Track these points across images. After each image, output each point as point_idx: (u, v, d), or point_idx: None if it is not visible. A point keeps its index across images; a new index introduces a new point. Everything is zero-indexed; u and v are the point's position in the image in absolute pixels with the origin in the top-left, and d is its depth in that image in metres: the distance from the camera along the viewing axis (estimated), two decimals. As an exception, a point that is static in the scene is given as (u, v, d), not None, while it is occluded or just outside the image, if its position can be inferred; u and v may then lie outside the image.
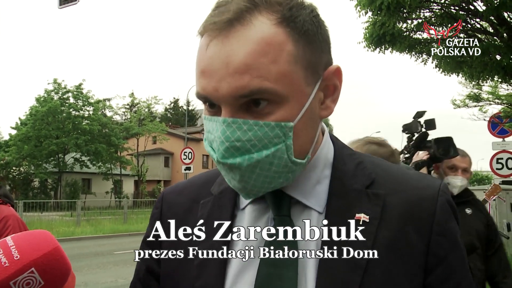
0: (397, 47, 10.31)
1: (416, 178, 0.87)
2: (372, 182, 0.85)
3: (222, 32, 0.73)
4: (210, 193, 0.94)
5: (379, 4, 9.05)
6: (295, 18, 0.76)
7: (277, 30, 0.74)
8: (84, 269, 10.68)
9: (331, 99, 0.84)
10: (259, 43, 0.72)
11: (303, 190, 0.85)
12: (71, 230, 18.64)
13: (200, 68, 0.76)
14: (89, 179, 41.30)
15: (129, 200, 32.87)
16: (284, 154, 0.76)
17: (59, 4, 10.33)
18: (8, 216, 2.30)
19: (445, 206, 0.83)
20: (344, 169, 0.87)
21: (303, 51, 0.76)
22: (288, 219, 0.83)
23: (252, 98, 0.73)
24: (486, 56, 9.43)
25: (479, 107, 14.75)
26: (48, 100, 35.36)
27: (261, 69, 0.72)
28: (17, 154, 34.63)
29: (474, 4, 9.56)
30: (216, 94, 0.74)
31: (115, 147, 38.25)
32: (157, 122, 42.14)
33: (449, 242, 0.81)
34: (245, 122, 0.74)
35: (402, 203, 0.82)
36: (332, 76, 0.82)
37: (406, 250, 0.79)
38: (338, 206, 0.83)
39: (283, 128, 0.75)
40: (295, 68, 0.75)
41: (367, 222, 0.80)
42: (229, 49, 0.72)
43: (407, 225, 0.80)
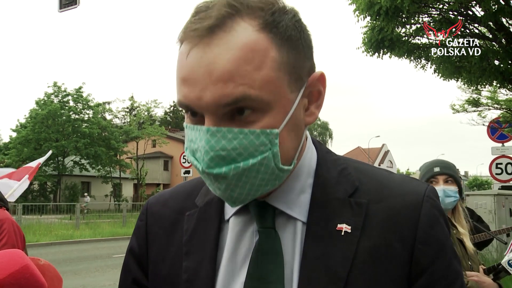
0: (396, 52, 10.33)
1: (400, 184, 0.84)
2: (356, 190, 0.83)
3: (203, 39, 0.71)
4: (195, 204, 0.92)
5: (377, 9, 9.08)
6: (277, 24, 0.74)
7: (260, 36, 0.72)
8: (83, 272, 10.66)
9: (315, 105, 0.83)
10: (242, 50, 0.70)
11: (287, 200, 0.83)
12: (70, 233, 18.61)
13: (181, 75, 0.74)
14: (88, 182, 41.27)
15: (128, 203, 32.82)
16: (271, 162, 0.74)
17: (59, 7, 10.33)
18: (3, 220, 2.30)
19: (430, 212, 0.80)
20: (327, 176, 0.85)
21: (287, 57, 0.74)
22: (273, 232, 0.81)
23: (236, 106, 0.71)
24: (484, 61, 9.46)
25: (478, 112, 14.77)
26: (48, 103, 35.39)
27: (245, 77, 0.70)
28: (17, 156, 34.59)
29: (472, 9, 9.59)
30: (199, 103, 0.72)
31: (115, 150, 38.23)
32: (157, 126, 42.11)
33: (434, 250, 0.79)
34: (229, 131, 0.71)
35: (385, 211, 0.80)
36: (316, 82, 0.81)
37: (389, 260, 0.77)
38: (320, 216, 0.81)
39: (268, 135, 0.73)
40: (279, 74, 0.73)
41: (348, 232, 0.79)
42: (211, 56, 0.70)
43: (390, 234, 0.79)
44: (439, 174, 2.70)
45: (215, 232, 0.87)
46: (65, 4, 10.15)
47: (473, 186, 74.17)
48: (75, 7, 10.16)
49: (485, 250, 9.06)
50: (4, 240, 2.26)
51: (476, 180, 77.37)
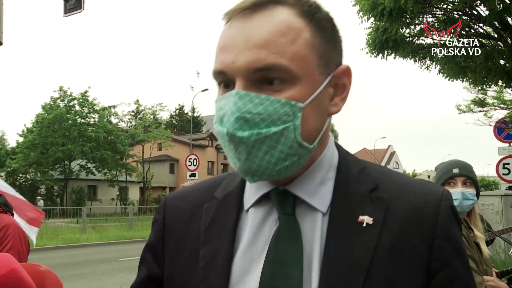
0: (400, 53, 10.29)
1: (419, 184, 0.88)
2: (376, 187, 0.86)
3: (245, 14, 0.79)
4: (214, 197, 0.95)
5: (381, 9, 9.06)
6: (314, 14, 0.81)
7: (297, 19, 0.79)
8: (89, 276, 10.69)
9: (340, 98, 0.87)
10: (280, 24, 0.77)
11: (307, 189, 0.85)
12: (77, 237, 18.68)
13: (220, 44, 0.81)
14: (94, 186, 41.43)
15: (134, 206, 32.93)
16: (291, 133, 0.77)
17: (64, 12, 10.39)
18: (8, 224, 2.32)
19: (448, 211, 0.83)
20: (348, 173, 0.88)
21: (319, 42, 0.81)
22: (292, 218, 0.84)
23: (267, 75, 0.76)
24: (489, 61, 9.41)
25: (484, 112, 14.67)
26: (54, 108, 35.60)
27: (279, 47, 0.76)
28: (24, 161, 34.84)
29: (477, 9, 9.55)
30: (232, 66, 0.77)
31: (121, 154, 38.38)
32: (162, 129, 42.24)
33: (452, 247, 0.81)
34: (257, 96, 0.76)
35: (405, 207, 0.83)
36: (342, 75, 0.86)
37: (409, 254, 0.79)
38: (342, 208, 0.83)
39: (292, 106, 0.77)
40: (310, 53, 0.79)
41: (370, 224, 0.81)
42: (250, 26, 0.78)
43: (410, 229, 0.81)
44: (458, 176, 2.62)
45: (234, 221, 0.89)
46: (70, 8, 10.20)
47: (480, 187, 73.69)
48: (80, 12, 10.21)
49: (493, 251, 9.00)
50: (10, 245, 2.28)
51: (483, 181, 76.99)
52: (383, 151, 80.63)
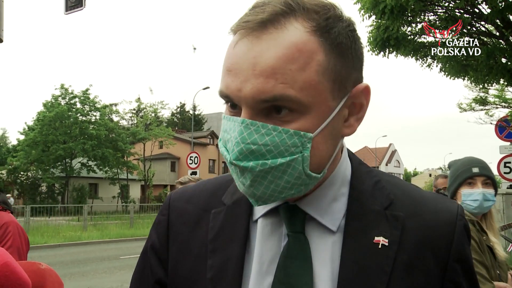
0: (402, 51, 10.27)
1: (434, 200, 0.85)
2: (391, 203, 0.83)
3: (253, 32, 0.72)
4: (222, 202, 0.91)
5: (382, 8, 9.04)
6: (330, 29, 0.73)
7: (310, 38, 0.72)
8: (90, 274, 10.71)
9: (355, 118, 0.81)
10: (289, 48, 0.70)
11: (319, 207, 0.82)
12: (78, 235, 18.70)
13: (227, 65, 0.75)
14: (96, 183, 41.50)
15: (135, 204, 32.98)
16: (299, 165, 0.73)
17: (65, 10, 10.39)
18: (8, 222, 2.33)
19: (462, 232, 0.82)
20: (362, 188, 0.84)
21: (334, 63, 0.74)
22: (302, 237, 0.80)
23: (274, 104, 0.71)
24: (491, 59, 9.39)
25: (486, 110, 14.66)
26: (55, 106, 35.64)
27: (288, 76, 0.70)
28: (25, 159, 34.89)
29: (479, 7, 9.52)
30: (238, 94, 0.72)
31: (122, 152, 38.41)
32: (164, 127, 42.23)
33: (465, 269, 0.81)
34: (263, 126, 0.71)
35: (420, 227, 0.81)
36: (360, 94, 0.80)
37: (423, 275, 0.78)
38: (356, 227, 0.80)
39: (301, 137, 0.72)
40: (323, 79, 0.72)
41: (386, 245, 0.78)
42: (258, 49, 0.71)
43: (425, 250, 0.79)
44: (478, 175, 2.49)
45: (244, 231, 0.86)
46: (71, 6, 10.20)
47: (481, 185, 73.42)
48: (81, 9, 10.22)
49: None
50: (10, 242, 2.28)
51: (484, 179, 76.76)
52: (385, 149, 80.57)
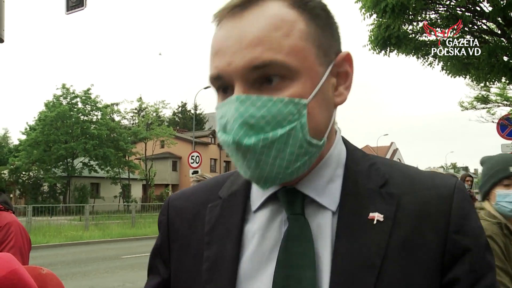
0: (403, 50, 10.26)
1: (431, 177, 0.85)
2: (386, 182, 0.83)
3: (235, 14, 0.76)
4: (219, 196, 0.92)
5: (383, 6, 9.04)
6: (306, 2, 0.78)
7: (289, 10, 0.76)
8: (92, 274, 10.72)
9: (344, 86, 0.84)
10: (272, 18, 0.74)
11: (316, 188, 0.83)
12: (80, 235, 18.72)
13: (214, 49, 0.78)
14: (97, 183, 41.53)
15: (137, 204, 33.02)
16: (299, 133, 0.74)
17: (66, 9, 10.40)
18: (10, 222, 2.33)
19: (461, 203, 0.80)
20: (357, 169, 0.85)
21: (315, 31, 0.78)
22: (302, 218, 0.81)
23: (265, 73, 0.74)
24: (493, 57, 9.38)
25: (487, 109, 14.63)
26: (57, 105, 35.66)
27: (274, 42, 0.73)
28: (27, 159, 34.93)
29: (480, 5, 9.51)
30: (228, 69, 0.75)
31: (123, 151, 38.42)
32: (165, 126, 42.24)
33: (467, 241, 0.78)
34: (258, 98, 0.73)
35: (416, 202, 0.81)
36: (343, 62, 0.83)
37: (422, 250, 0.77)
38: (352, 206, 0.81)
39: (296, 104, 0.74)
40: (307, 44, 0.76)
41: (381, 221, 0.79)
42: (241, 25, 0.75)
43: (423, 224, 0.79)
44: None
45: (239, 222, 0.86)
46: (72, 6, 10.21)
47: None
48: (82, 9, 10.22)
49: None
50: (12, 242, 2.28)
51: (486, 178, 76.75)
52: (386, 148, 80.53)
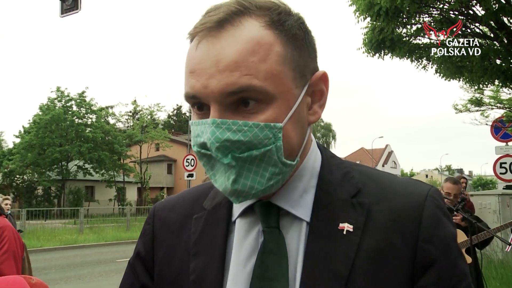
0: (397, 53, 10.30)
1: (404, 185, 0.85)
2: (359, 191, 0.84)
3: (211, 33, 0.75)
4: (203, 208, 0.93)
5: (377, 9, 9.06)
6: (283, 22, 0.77)
7: (266, 32, 0.75)
8: (87, 277, 10.68)
9: (318, 105, 0.85)
10: (249, 42, 0.73)
11: (291, 200, 0.84)
12: (74, 238, 18.63)
13: (189, 68, 0.77)
14: (92, 186, 41.34)
15: (132, 207, 32.88)
16: (274, 155, 0.75)
17: (61, 13, 10.38)
18: (4, 227, 2.33)
19: (432, 211, 0.80)
20: (330, 178, 0.86)
21: (292, 53, 0.77)
22: (277, 231, 0.82)
23: (241, 97, 0.74)
24: (486, 60, 9.42)
25: (481, 111, 14.71)
26: (51, 108, 35.50)
27: (251, 67, 0.73)
28: (21, 162, 34.71)
29: (473, 8, 9.56)
30: (205, 91, 0.74)
31: (118, 154, 38.28)
32: (160, 129, 42.13)
33: (438, 249, 0.78)
34: (234, 123, 0.74)
35: (388, 211, 0.81)
36: (319, 81, 0.83)
37: (392, 259, 0.77)
38: (323, 216, 0.82)
39: (272, 129, 0.75)
40: (284, 68, 0.76)
41: (350, 231, 0.79)
42: (219, 47, 0.74)
43: (393, 234, 0.79)
44: None
45: (223, 233, 0.88)
46: (67, 9, 10.19)
47: (477, 186, 73.88)
48: (77, 12, 10.20)
49: (490, 251, 9.01)
50: (5, 247, 2.28)
51: (480, 180, 77.10)
52: (381, 150, 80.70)
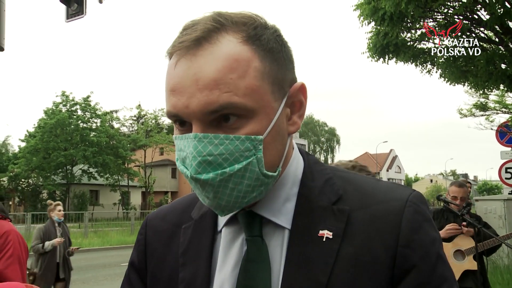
0: (401, 57, 10.29)
1: (385, 190, 0.85)
2: (339, 198, 0.84)
3: (190, 51, 0.76)
4: (191, 217, 0.95)
5: (382, 14, 9.07)
6: (260, 37, 0.79)
7: (243, 48, 0.76)
8: (91, 281, 10.68)
9: (297, 115, 0.86)
10: (227, 60, 0.74)
11: (273, 208, 0.85)
12: (79, 242, 18.66)
13: (170, 86, 0.78)
14: (96, 190, 41.46)
15: (136, 211, 32.92)
16: (255, 167, 0.77)
17: (66, 17, 10.42)
18: (8, 231, 2.33)
19: (412, 217, 0.80)
20: (311, 185, 0.87)
21: (270, 67, 0.79)
22: (259, 240, 0.84)
23: (222, 114, 0.75)
24: (491, 65, 9.40)
25: (486, 116, 14.66)
26: (56, 113, 35.69)
27: (230, 85, 0.74)
28: (26, 166, 34.88)
29: (478, 13, 9.55)
30: (186, 111, 0.75)
31: (123, 158, 38.41)
32: (164, 134, 42.25)
33: (417, 254, 0.78)
34: (216, 137, 0.75)
35: (367, 218, 0.81)
36: (297, 93, 0.85)
37: (372, 266, 0.78)
38: (303, 224, 0.83)
39: (253, 141, 0.76)
40: (262, 83, 0.77)
41: (330, 238, 0.80)
42: (197, 65, 0.74)
43: (373, 240, 0.79)
44: None
45: (209, 242, 0.89)
46: (72, 14, 10.24)
47: (482, 191, 73.46)
48: (82, 17, 10.25)
49: (496, 256, 8.95)
50: (10, 251, 2.29)
51: (485, 185, 76.66)
52: (385, 155, 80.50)
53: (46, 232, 6.74)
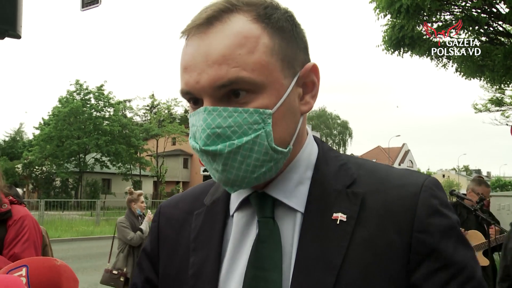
0: (417, 51, 10.17)
1: (400, 176, 0.85)
2: (353, 181, 0.84)
3: (201, 30, 0.78)
4: (203, 204, 0.96)
5: (398, 7, 8.96)
6: (270, 16, 0.80)
7: (253, 26, 0.78)
8: (103, 268, 10.81)
9: (310, 95, 0.87)
10: (236, 36, 0.77)
11: (285, 190, 0.85)
12: (91, 230, 18.90)
13: (183, 64, 0.81)
14: (109, 179, 41.84)
15: (148, 200, 33.20)
16: (264, 140, 0.77)
17: (82, 6, 10.46)
18: (24, 216, 2.37)
19: (427, 201, 0.79)
20: (325, 170, 0.87)
21: (279, 45, 0.80)
22: (271, 221, 0.84)
23: (232, 89, 0.76)
24: (508, 59, 9.25)
25: (502, 111, 14.46)
26: (70, 101, 36.00)
27: (239, 60, 0.76)
28: (40, 153, 35.32)
29: (496, 6, 9.39)
30: (197, 86, 0.78)
31: (135, 148, 38.67)
32: (177, 124, 42.44)
33: (434, 239, 0.77)
34: (225, 109, 0.76)
35: (382, 202, 0.81)
36: (309, 73, 0.85)
37: (386, 250, 0.77)
38: (317, 207, 0.83)
39: (261, 114, 0.77)
40: (272, 59, 0.78)
41: (344, 221, 0.80)
42: (207, 43, 0.77)
43: (388, 224, 0.79)
44: None
45: (221, 227, 0.90)
46: (88, 3, 10.28)
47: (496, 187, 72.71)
48: (97, 6, 10.28)
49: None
50: (26, 235, 2.33)
51: (499, 181, 75.84)
52: (398, 149, 79.96)
53: (131, 225, 5.99)
